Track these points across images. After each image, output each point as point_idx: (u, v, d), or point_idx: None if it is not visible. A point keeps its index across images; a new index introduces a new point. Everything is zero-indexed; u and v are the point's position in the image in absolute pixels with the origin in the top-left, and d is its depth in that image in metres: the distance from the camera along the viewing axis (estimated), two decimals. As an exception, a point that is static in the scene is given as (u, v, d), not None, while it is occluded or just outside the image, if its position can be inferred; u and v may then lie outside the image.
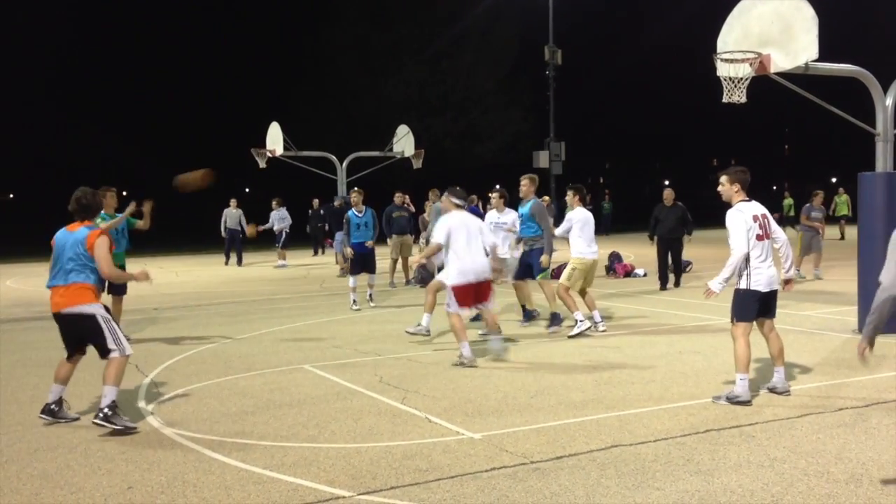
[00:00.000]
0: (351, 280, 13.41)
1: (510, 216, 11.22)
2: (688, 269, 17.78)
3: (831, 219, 24.09)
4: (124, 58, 69.83)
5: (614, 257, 18.26)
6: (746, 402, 6.61)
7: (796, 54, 9.54)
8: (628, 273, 17.65)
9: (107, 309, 6.56)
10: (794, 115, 71.89)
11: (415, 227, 18.20)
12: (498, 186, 11.64)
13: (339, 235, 18.29)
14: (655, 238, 15.18)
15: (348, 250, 13.35)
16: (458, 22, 46.04)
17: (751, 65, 9.71)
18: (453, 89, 48.67)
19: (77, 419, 6.63)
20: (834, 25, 11.72)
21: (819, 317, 11.36)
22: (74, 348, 6.59)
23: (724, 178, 6.96)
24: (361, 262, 13.47)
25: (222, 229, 23.30)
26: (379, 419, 6.53)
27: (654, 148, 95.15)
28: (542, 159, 33.14)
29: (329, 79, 46.90)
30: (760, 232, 6.72)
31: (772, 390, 6.95)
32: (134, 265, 9.96)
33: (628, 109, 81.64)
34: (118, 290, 10.34)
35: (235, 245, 23.53)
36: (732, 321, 6.82)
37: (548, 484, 4.96)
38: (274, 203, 23.25)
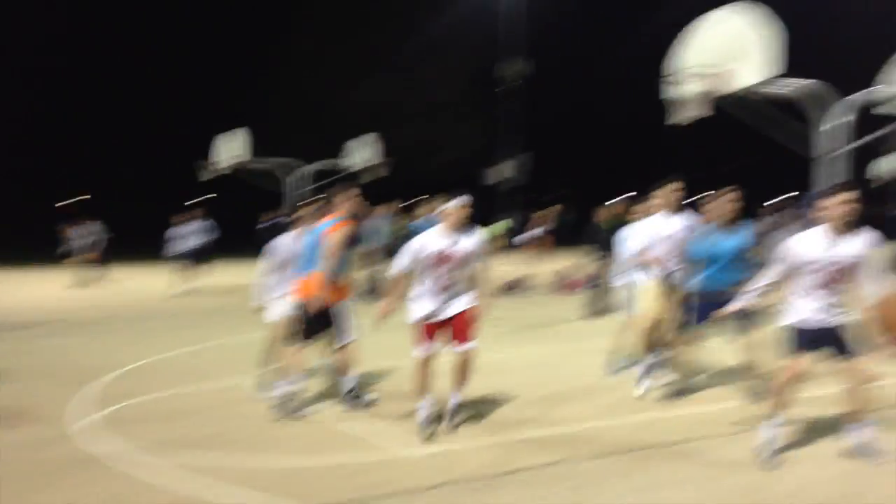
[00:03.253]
0: None
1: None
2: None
3: None
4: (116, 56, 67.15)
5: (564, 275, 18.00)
6: None
7: (751, 73, 9.70)
8: (573, 288, 17.13)
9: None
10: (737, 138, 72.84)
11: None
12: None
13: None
14: None
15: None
16: (422, 31, 46.18)
17: (706, 84, 9.86)
18: (417, 99, 48.72)
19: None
20: (795, 46, 11.88)
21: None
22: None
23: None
24: None
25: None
26: (323, 435, 6.43)
27: (621, 163, 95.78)
28: (506, 170, 33.33)
29: (287, 88, 46.63)
30: None
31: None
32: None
33: (596, 123, 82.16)
34: None
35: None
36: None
37: (497, 499, 4.94)
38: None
